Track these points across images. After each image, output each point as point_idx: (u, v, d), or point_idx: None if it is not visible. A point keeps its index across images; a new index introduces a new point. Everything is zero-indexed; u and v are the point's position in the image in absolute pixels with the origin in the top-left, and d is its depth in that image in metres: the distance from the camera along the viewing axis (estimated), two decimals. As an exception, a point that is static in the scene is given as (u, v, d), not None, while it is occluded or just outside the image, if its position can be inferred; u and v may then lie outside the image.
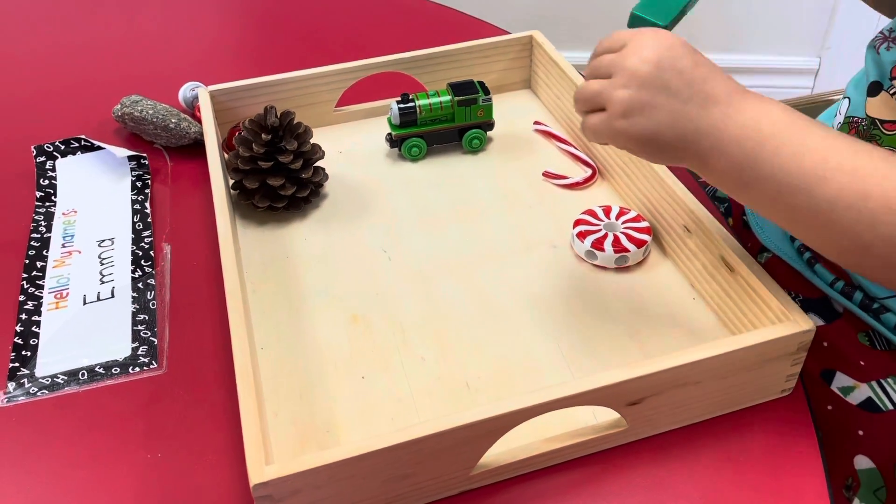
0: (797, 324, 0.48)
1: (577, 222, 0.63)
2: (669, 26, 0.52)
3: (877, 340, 0.58)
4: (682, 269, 0.60)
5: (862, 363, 0.58)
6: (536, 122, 0.75)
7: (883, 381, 0.57)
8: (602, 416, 0.49)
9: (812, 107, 0.91)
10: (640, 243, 0.60)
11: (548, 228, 0.65)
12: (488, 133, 0.74)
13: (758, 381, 0.50)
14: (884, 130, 0.55)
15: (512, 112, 0.78)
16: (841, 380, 0.58)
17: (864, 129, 0.58)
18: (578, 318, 0.57)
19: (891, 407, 0.56)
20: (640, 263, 0.61)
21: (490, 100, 0.72)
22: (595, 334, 0.56)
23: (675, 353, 0.47)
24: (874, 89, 0.57)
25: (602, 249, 0.60)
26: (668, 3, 0.53)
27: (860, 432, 0.57)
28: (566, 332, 0.56)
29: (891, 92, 0.56)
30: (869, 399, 0.56)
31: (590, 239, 0.61)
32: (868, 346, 0.58)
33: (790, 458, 0.48)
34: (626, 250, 0.60)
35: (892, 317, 0.56)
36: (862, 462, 0.57)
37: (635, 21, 0.53)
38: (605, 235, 0.61)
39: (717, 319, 0.56)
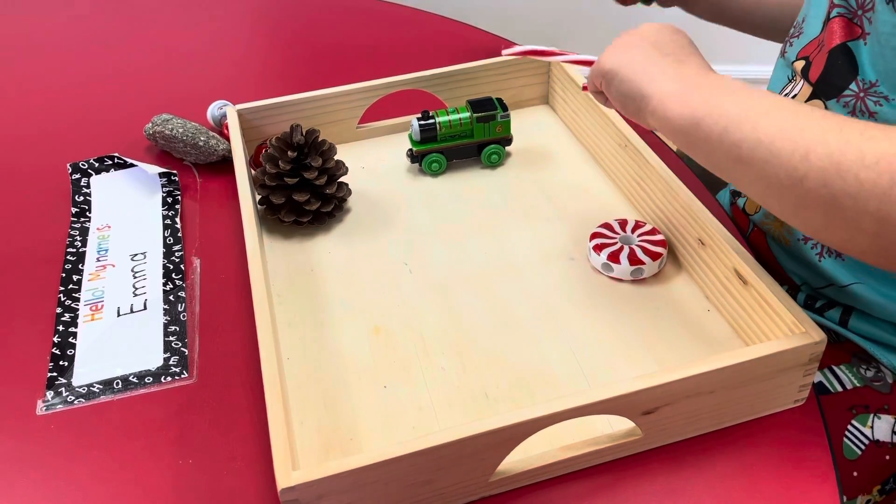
0: (809, 335, 0.49)
1: (594, 235, 0.64)
2: None
3: (827, 335, 0.65)
4: (697, 282, 0.61)
5: None
6: (505, 46, 0.76)
7: (834, 368, 0.64)
8: (617, 425, 0.50)
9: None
10: (655, 256, 0.62)
11: (565, 241, 0.66)
12: (507, 148, 0.76)
13: (770, 391, 0.51)
14: None
15: (530, 127, 0.80)
16: None
17: None
18: (595, 329, 0.58)
19: (840, 389, 0.63)
20: (655, 276, 0.62)
21: (508, 116, 0.74)
22: (611, 345, 0.57)
23: (689, 363, 0.48)
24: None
25: (618, 262, 0.61)
26: None
27: None
28: (583, 343, 0.57)
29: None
30: (820, 383, 0.63)
31: (606, 252, 0.62)
32: None
33: (803, 468, 0.49)
34: (642, 263, 0.61)
35: (834, 314, 0.64)
36: None
37: None
38: (621, 248, 0.62)
39: (730, 331, 0.57)
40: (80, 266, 0.67)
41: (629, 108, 0.52)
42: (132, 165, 0.77)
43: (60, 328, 0.61)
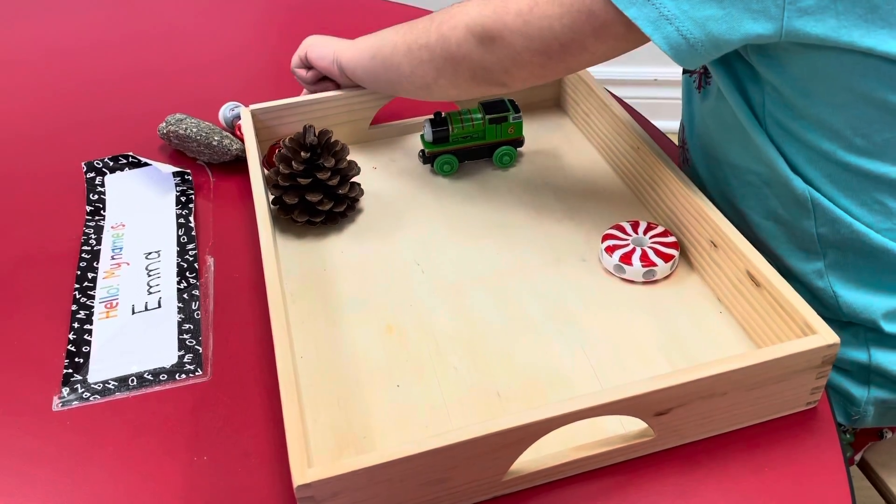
0: (822, 337, 0.49)
1: (606, 237, 0.64)
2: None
3: None
4: (709, 283, 0.61)
5: None
6: None
7: None
8: (630, 426, 0.50)
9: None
10: (667, 258, 0.62)
11: (577, 243, 0.66)
12: (518, 149, 0.76)
13: (783, 393, 0.51)
14: None
15: (542, 129, 0.80)
16: None
17: None
18: (607, 330, 0.58)
19: None
20: (667, 277, 0.62)
21: (520, 117, 0.74)
22: (623, 346, 0.57)
23: (702, 364, 0.48)
24: None
25: (630, 263, 0.61)
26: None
27: None
28: (595, 344, 0.57)
29: None
30: None
31: (618, 253, 0.62)
32: None
33: (815, 469, 0.49)
34: (654, 265, 0.61)
35: None
36: None
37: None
38: (633, 250, 0.62)
39: (743, 333, 0.57)
40: (94, 264, 0.68)
41: (325, 63, 0.75)
42: (146, 164, 0.78)
43: (76, 325, 0.62)
